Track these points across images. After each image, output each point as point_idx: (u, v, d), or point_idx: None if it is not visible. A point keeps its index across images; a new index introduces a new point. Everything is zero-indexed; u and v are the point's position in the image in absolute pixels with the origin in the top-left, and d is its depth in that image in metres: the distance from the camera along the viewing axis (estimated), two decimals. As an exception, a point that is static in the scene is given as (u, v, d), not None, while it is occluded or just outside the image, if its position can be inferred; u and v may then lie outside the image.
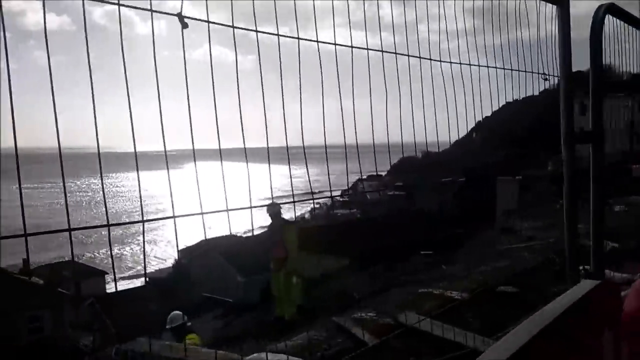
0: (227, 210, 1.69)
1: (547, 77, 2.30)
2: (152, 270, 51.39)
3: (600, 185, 2.12)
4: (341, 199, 67.53)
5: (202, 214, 1.61)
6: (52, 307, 33.22)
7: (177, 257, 45.54)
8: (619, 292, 2.06)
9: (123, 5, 1.37)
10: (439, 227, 33.58)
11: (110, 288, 47.13)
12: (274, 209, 8.57)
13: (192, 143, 1.64)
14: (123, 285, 48.87)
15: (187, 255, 39.51)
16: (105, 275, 49.22)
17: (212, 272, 32.32)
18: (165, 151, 1.58)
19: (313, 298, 10.47)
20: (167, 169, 1.58)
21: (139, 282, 49.04)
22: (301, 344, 4.58)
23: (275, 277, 8.76)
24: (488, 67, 2.36)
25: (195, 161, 1.73)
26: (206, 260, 34.63)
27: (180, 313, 6.71)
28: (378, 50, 2.15)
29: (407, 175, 60.73)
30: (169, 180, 1.63)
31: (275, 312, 9.11)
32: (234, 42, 1.79)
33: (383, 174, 66.15)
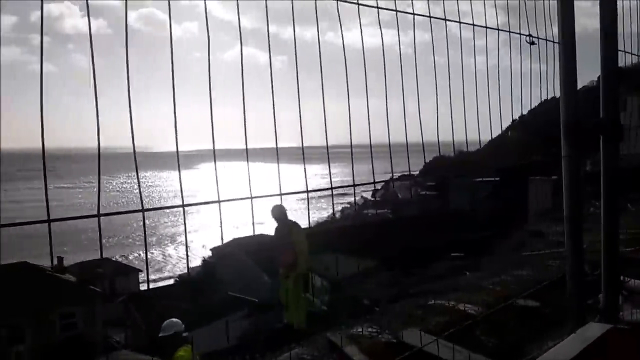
0: (280, 195, 1.73)
1: (533, 39, 1.78)
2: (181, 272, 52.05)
3: (614, 190, 1.57)
4: (372, 199, 66.76)
5: (250, 198, 1.64)
6: (85, 304, 33.90)
7: (208, 255, 45.93)
8: (635, 338, 1.51)
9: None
10: (471, 228, 32.52)
11: (142, 284, 47.96)
12: (279, 211, 8.10)
13: (245, 143, 1.69)
14: (154, 283, 49.72)
15: (217, 254, 39.75)
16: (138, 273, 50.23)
17: (238, 271, 32.29)
18: (214, 148, 1.61)
19: (327, 304, 9.97)
20: (215, 164, 1.60)
21: (171, 280, 49.80)
22: (286, 364, 4.10)
23: (283, 283, 8.30)
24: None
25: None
26: (233, 259, 34.65)
27: (178, 321, 6.26)
28: (425, 16, 2.02)
29: (439, 175, 59.48)
30: (215, 174, 1.65)
31: (285, 318, 8.67)
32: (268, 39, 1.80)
33: (415, 173, 65.09)
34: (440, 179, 61.47)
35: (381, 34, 1.93)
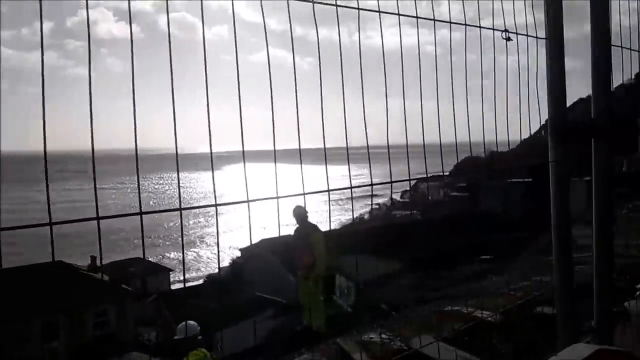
0: (304, 194, 1.77)
1: (509, 35, 1.66)
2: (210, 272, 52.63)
3: (607, 198, 1.43)
4: (401, 200, 66.13)
5: (277, 197, 1.68)
6: (117, 303, 34.64)
7: (236, 256, 46.34)
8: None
9: None
10: (501, 230, 31.79)
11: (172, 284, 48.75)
12: (300, 212, 8.05)
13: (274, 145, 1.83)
14: (182, 284, 50.54)
15: (246, 254, 40.03)
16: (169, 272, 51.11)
17: (266, 272, 32.42)
18: (243, 150, 1.68)
19: (350, 306, 9.85)
20: (244, 164, 1.65)
21: (200, 280, 50.48)
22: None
23: (302, 285, 8.24)
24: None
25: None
26: (261, 260, 34.81)
27: (194, 324, 6.23)
28: (445, 22, 2.01)
29: (470, 176, 58.45)
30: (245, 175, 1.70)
31: (303, 321, 8.60)
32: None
33: (446, 174, 64.08)
34: (471, 179, 60.42)
35: (400, 40, 1.96)
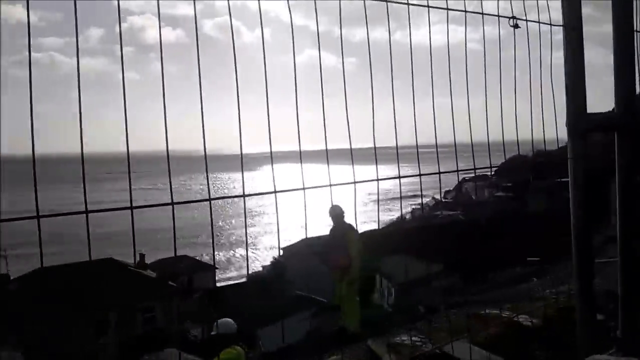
0: (330, 186, 1.78)
1: (517, 22, 1.56)
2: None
3: (632, 198, 1.32)
4: (444, 200, 64.86)
5: (303, 189, 1.71)
6: (164, 299, 35.58)
7: (278, 255, 46.81)
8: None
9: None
10: (549, 232, 30.67)
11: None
12: (336, 212, 7.99)
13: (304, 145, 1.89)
14: (225, 282, 51.54)
15: (287, 254, 40.38)
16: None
17: (307, 271, 32.56)
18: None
19: (392, 306, 9.74)
20: (272, 166, 1.68)
21: (243, 278, 51.27)
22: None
23: (337, 285, 8.18)
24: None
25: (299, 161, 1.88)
26: (302, 258, 35.01)
27: (229, 321, 6.29)
28: (494, 15, 1.96)
29: (516, 176, 56.78)
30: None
31: (339, 322, 8.55)
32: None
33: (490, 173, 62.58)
34: (517, 179, 58.67)
35: (448, 37, 1.93)
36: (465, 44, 1.97)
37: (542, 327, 4.73)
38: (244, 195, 1.63)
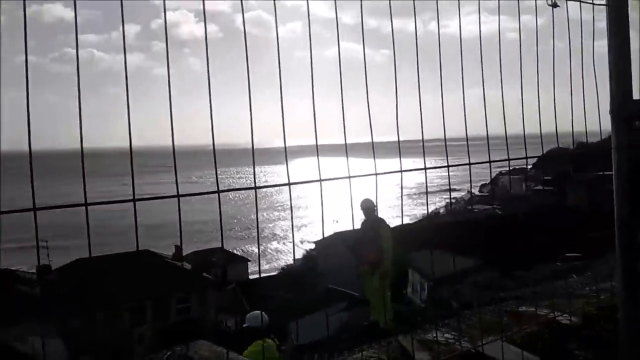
0: (376, 175, 1.81)
1: (555, 1, 1.44)
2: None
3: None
4: (479, 194, 63.67)
5: (349, 177, 1.74)
6: (199, 290, 36.29)
7: (311, 248, 47.03)
8: None
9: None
10: (590, 227, 29.68)
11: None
12: (367, 205, 7.89)
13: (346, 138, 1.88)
14: (257, 274, 52.05)
15: (319, 247, 40.55)
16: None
17: (339, 264, 32.59)
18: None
19: (419, 303, 9.61)
20: (318, 155, 1.71)
21: (276, 271, 51.73)
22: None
23: (368, 280, 8.11)
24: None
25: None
26: (334, 252, 35.03)
27: (259, 314, 6.31)
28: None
29: (556, 169, 55.16)
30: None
31: (370, 316, 8.48)
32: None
33: (529, 166, 61.02)
34: (557, 172, 57.03)
35: (480, 27, 1.90)
36: (499, 30, 1.90)
37: (582, 326, 4.52)
38: (289, 184, 1.65)
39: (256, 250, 66.84)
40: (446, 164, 1.95)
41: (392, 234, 8.10)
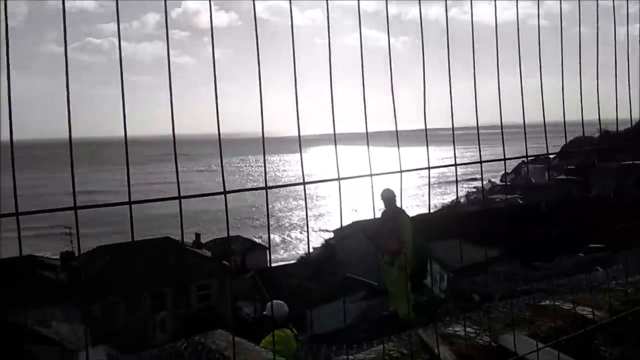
0: (400, 172, 1.81)
1: None
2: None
3: None
4: (501, 183, 62.73)
5: (371, 175, 1.74)
6: (218, 278, 36.72)
7: (329, 237, 47.12)
8: None
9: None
10: (615, 217, 29.08)
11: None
12: (388, 195, 7.80)
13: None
14: (277, 262, 52.53)
15: (338, 236, 40.59)
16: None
17: (357, 253, 32.56)
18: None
19: (439, 294, 9.53)
20: (336, 148, 1.80)
21: (294, 260, 52.04)
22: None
23: (387, 270, 8.04)
24: None
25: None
26: (352, 241, 35.02)
27: (282, 303, 6.30)
28: None
29: (580, 158, 54.07)
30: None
31: (389, 306, 8.43)
32: None
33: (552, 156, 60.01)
34: (581, 162, 55.94)
35: (518, 12, 1.87)
36: (531, 22, 1.79)
37: (608, 322, 4.40)
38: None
39: (276, 238, 67.26)
40: (479, 160, 1.87)
41: (412, 224, 8.01)
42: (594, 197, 44.87)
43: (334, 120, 1.58)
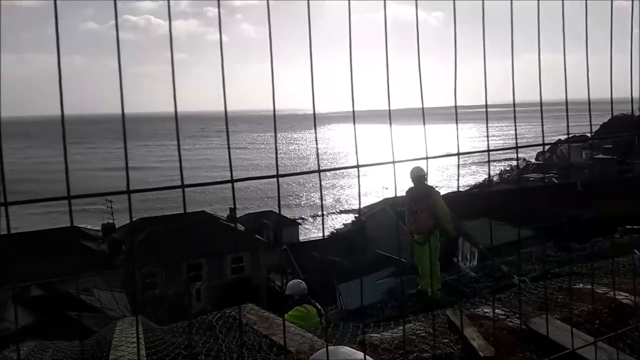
0: (427, 158, 1.80)
1: None
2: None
3: None
4: (536, 162, 61.19)
5: (427, 158, 1.75)
6: (251, 251, 37.57)
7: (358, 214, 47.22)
8: None
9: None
10: (655, 199, 28.11)
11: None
12: (418, 173, 7.75)
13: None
14: (311, 235, 53.13)
15: (368, 212, 40.69)
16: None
17: (387, 230, 32.57)
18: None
19: (469, 273, 9.50)
20: (389, 133, 1.79)
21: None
22: (397, 338, 3.97)
23: (418, 248, 8.04)
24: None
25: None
26: (382, 218, 35.06)
27: (300, 282, 6.50)
28: None
29: (619, 136, 52.12)
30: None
31: (417, 284, 8.45)
32: None
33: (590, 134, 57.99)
34: (620, 140, 53.92)
35: None
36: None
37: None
38: (357, 166, 1.64)
39: (306, 217, 67.85)
40: (515, 145, 1.87)
41: (444, 203, 7.96)
42: (633, 176, 43.33)
43: (353, 107, 1.59)
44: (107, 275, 31.05)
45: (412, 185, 7.90)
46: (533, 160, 66.05)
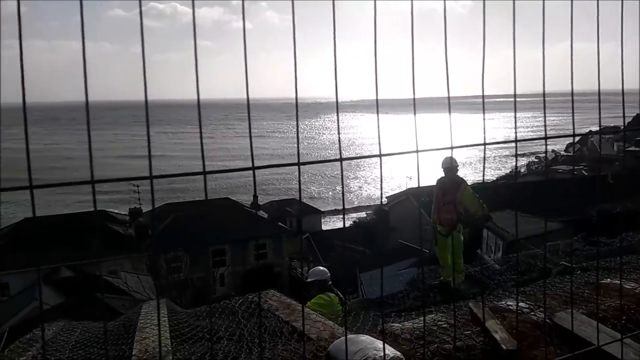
0: (452, 148, 1.80)
1: None
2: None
3: None
4: (565, 154, 59.80)
5: (451, 148, 1.76)
6: (274, 238, 37.94)
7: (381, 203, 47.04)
8: None
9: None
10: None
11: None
12: (449, 164, 7.67)
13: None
14: (330, 225, 53.29)
15: (391, 202, 40.52)
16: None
17: (410, 220, 32.37)
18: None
19: (493, 265, 9.38)
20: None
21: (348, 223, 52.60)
22: (418, 328, 3.95)
23: (442, 239, 7.97)
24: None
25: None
26: (405, 207, 34.87)
27: (323, 269, 6.49)
28: None
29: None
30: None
31: (440, 276, 8.39)
32: None
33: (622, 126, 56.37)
34: (656, 132, 52.22)
35: None
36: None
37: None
38: (380, 155, 1.67)
39: (328, 207, 68.01)
40: (544, 136, 1.83)
41: (473, 194, 7.85)
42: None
43: (377, 98, 1.57)
44: (134, 259, 31.76)
45: (442, 175, 7.83)
46: (563, 152, 64.63)
